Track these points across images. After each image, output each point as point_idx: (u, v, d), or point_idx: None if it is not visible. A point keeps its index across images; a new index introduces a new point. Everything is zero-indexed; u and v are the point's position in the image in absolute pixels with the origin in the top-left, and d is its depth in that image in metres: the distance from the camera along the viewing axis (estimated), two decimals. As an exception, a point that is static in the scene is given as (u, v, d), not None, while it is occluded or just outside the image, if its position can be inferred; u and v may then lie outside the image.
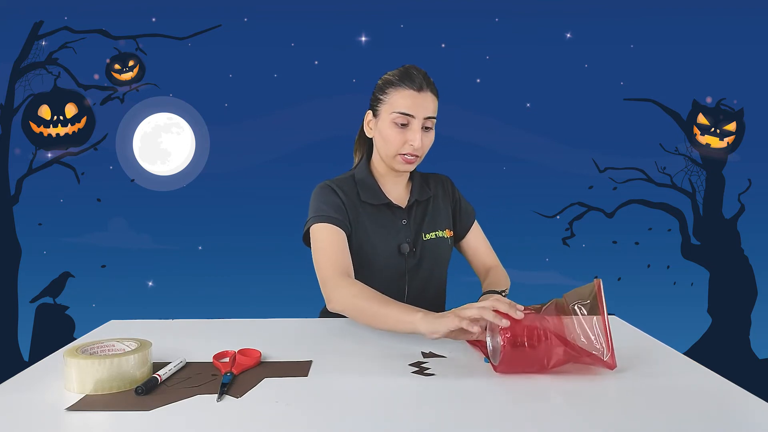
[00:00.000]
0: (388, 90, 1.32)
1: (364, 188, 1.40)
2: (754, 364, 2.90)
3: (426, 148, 1.35)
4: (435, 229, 1.43)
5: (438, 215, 1.46)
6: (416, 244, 1.40)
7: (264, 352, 1.08)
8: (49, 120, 2.90)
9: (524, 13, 2.90)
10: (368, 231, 1.37)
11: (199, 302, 2.90)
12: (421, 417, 0.80)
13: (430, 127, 1.33)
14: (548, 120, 2.93)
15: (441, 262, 1.45)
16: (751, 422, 0.79)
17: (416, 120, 1.30)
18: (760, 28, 2.85)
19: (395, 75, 1.33)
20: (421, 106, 1.30)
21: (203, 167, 2.93)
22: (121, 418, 0.80)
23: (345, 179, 1.42)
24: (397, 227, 1.39)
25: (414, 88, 1.29)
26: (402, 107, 1.29)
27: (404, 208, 1.41)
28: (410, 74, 1.31)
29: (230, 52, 2.91)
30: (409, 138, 1.30)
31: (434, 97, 1.33)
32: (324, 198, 1.36)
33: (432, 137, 1.35)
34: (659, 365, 1.03)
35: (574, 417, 0.80)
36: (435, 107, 1.33)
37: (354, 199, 1.38)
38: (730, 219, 2.93)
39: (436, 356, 1.07)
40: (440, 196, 1.49)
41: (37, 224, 2.92)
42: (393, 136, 1.31)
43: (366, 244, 1.37)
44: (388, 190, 1.43)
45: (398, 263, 1.38)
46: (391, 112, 1.31)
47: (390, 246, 1.37)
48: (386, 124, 1.32)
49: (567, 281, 2.95)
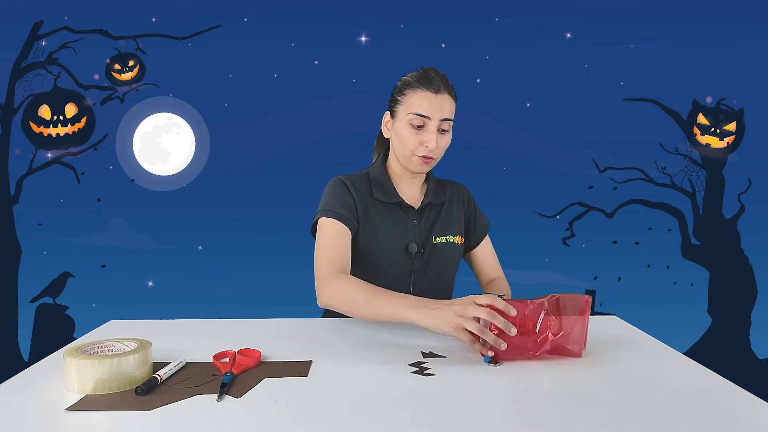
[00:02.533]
0: (405, 91, 1.34)
1: (378, 186, 1.41)
2: (754, 364, 2.90)
3: (442, 150, 1.36)
4: (446, 233, 1.44)
5: (450, 221, 1.46)
6: (425, 246, 1.41)
7: (264, 352, 1.08)
8: (49, 120, 2.90)
9: (524, 13, 2.90)
10: (377, 228, 1.38)
11: (199, 302, 2.90)
12: (421, 417, 0.80)
13: (447, 130, 1.35)
14: (548, 120, 2.93)
15: (449, 266, 1.45)
16: (751, 422, 0.79)
17: (432, 122, 1.31)
18: (760, 28, 2.85)
19: (413, 77, 1.35)
20: (438, 108, 1.31)
21: (203, 167, 2.93)
22: (121, 418, 0.80)
23: (360, 176, 1.44)
24: (408, 227, 1.40)
25: (431, 90, 1.31)
26: (418, 109, 1.31)
27: (416, 209, 1.42)
28: (428, 76, 1.33)
29: (230, 52, 2.91)
30: (424, 139, 1.32)
31: (451, 99, 1.34)
32: (335, 193, 1.38)
33: (448, 139, 1.37)
34: (659, 365, 1.03)
35: (574, 417, 0.80)
36: (452, 109, 1.35)
37: (366, 196, 1.40)
38: (730, 219, 2.93)
39: (436, 356, 1.07)
40: (454, 203, 1.50)
41: (37, 224, 2.92)
42: (409, 137, 1.33)
43: (374, 242, 1.37)
44: (402, 190, 1.44)
45: (405, 263, 1.39)
46: (408, 113, 1.33)
47: (398, 245, 1.38)
48: (403, 124, 1.34)
49: (567, 281, 2.95)
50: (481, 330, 1.00)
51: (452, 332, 1.03)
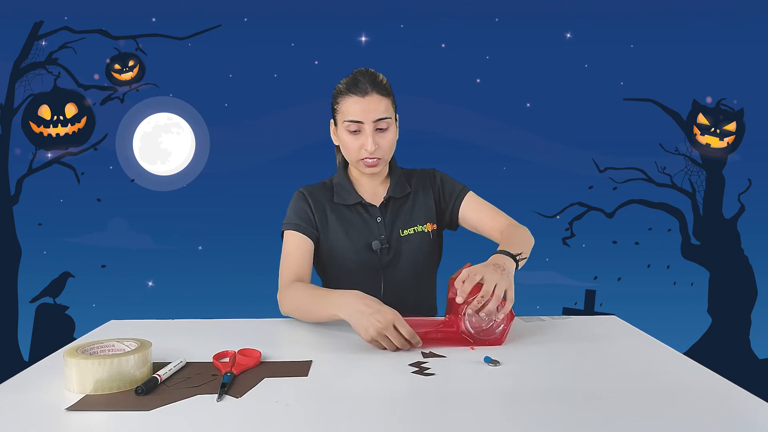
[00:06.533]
0: (338, 99, 1.37)
1: (339, 191, 1.45)
2: (754, 364, 2.90)
3: (386, 149, 1.37)
4: (414, 224, 1.44)
5: (417, 211, 1.46)
6: (391, 241, 1.42)
7: (264, 352, 1.08)
8: (49, 120, 2.90)
9: (524, 13, 2.90)
10: (339, 231, 1.41)
11: (199, 302, 2.90)
12: (421, 417, 0.80)
13: (385, 128, 1.35)
14: (548, 120, 2.92)
15: (421, 257, 1.45)
16: (751, 422, 0.79)
17: (366, 125, 1.33)
18: (760, 28, 2.85)
19: (343, 83, 1.37)
20: (368, 110, 1.32)
21: (203, 167, 2.93)
22: (121, 418, 0.80)
23: (322, 185, 1.49)
24: (370, 225, 1.42)
25: (358, 94, 1.33)
26: (350, 115, 1.33)
27: (378, 206, 1.44)
28: (355, 80, 1.34)
29: (230, 52, 2.91)
30: (362, 143, 1.34)
31: (382, 97, 1.34)
32: (294, 205, 1.45)
33: (390, 137, 1.37)
34: (659, 365, 1.03)
35: (574, 417, 0.80)
36: (386, 107, 1.34)
37: (324, 203, 1.44)
38: (730, 219, 2.93)
39: (436, 356, 1.07)
40: (421, 192, 1.49)
41: (37, 224, 2.91)
42: (349, 143, 1.36)
43: (337, 244, 1.41)
44: (364, 190, 1.46)
45: (371, 260, 1.41)
46: (344, 121, 1.35)
47: (361, 243, 1.40)
48: (342, 132, 1.37)
49: (567, 281, 2.95)
50: (395, 347, 1.09)
51: (367, 341, 1.10)
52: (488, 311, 1.11)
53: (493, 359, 1.02)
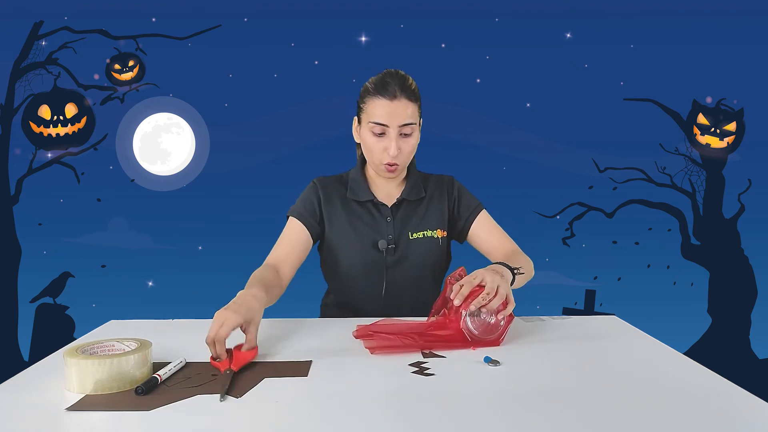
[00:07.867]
0: (365, 99, 1.36)
1: (354, 186, 1.45)
2: (754, 364, 2.90)
3: (406, 155, 1.37)
4: (424, 228, 1.44)
5: (430, 216, 1.46)
6: (399, 242, 1.41)
7: (264, 352, 1.08)
8: (49, 120, 2.90)
9: (524, 13, 2.90)
10: (347, 226, 1.42)
11: (199, 302, 2.89)
12: (421, 417, 0.80)
13: (409, 134, 1.35)
14: (548, 120, 2.92)
15: (428, 261, 1.44)
16: (751, 422, 0.79)
17: (391, 129, 1.33)
18: (760, 28, 2.85)
19: (372, 83, 1.36)
20: (395, 115, 1.32)
21: (203, 167, 2.93)
22: (121, 418, 0.80)
23: (337, 177, 1.50)
24: (379, 224, 1.42)
25: (387, 97, 1.32)
26: (376, 117, 1.33)
27: (390, 206, 1.44)
28: (384, 83, 1.33)
29: (230, 52, 2.91)
30: (385, 146, 1.34)
31: (410, 102, 1.34)
32: (304, 195, 1.46)
33: (412, 143, 1.37)
34: (659, 365, 1.03)
35: (574, 417, 0.80)
36: (413, 112, 1.34)
37: (338, 196, 1.44)
38: (730, 219, 2.93)
39: (436, 356, 1.07)
40: (436, 197, 1.49)
41: (37, 224, 2.91)
42: (372, 144, 1.36)
43: (344, 239, 1.41)
44: (378, 189, 1.46)
45: (376, 259, 1.40)
46: (368, 122, 1.35)
47: (367, 241, 1.41)
48: (365, 132, 1.37)
49: (567, 281, 2.95)
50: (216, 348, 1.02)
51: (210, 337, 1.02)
52: (490, 309, 1.11)
53: (493, 359, 1.02)
